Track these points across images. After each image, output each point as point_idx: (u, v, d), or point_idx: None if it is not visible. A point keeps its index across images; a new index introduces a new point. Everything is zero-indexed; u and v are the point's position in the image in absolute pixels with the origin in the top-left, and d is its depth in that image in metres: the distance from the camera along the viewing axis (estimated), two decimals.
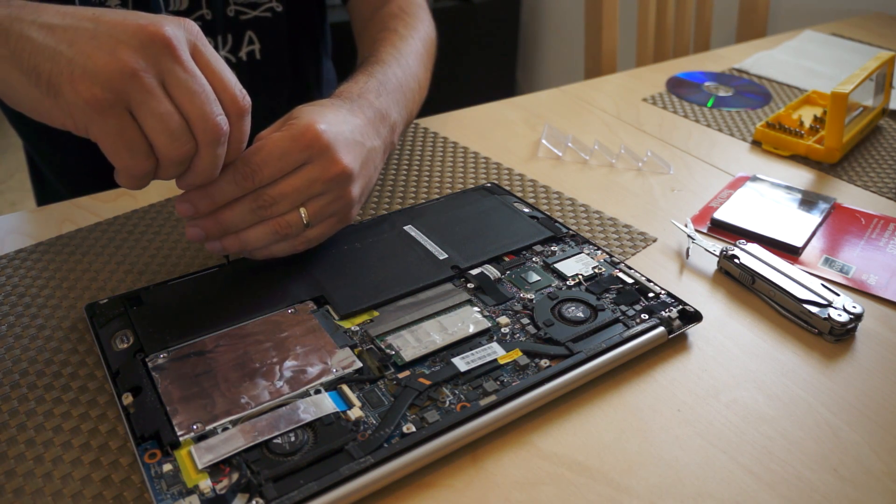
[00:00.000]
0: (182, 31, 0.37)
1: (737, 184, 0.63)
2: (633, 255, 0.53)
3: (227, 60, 0.71)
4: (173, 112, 0.36)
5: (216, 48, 0.68)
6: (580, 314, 0.44)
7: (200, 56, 0.38)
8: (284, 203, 0.43)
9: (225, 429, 0.35)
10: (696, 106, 0.80)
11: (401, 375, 0.39)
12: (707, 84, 0.87)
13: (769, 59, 0.96)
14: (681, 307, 0.44)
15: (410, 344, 0.41)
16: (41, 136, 0.75)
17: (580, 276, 0.47)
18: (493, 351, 0.41)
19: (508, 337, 0.42)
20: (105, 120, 0.35)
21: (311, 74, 0.82)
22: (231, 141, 0.40)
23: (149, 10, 0.61)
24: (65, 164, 0.77)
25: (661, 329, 0.43)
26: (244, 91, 0.40)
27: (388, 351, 0.40)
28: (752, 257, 0.49)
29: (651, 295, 0.46)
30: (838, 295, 0.46)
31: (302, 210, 0.43)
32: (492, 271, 0.47)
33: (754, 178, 0.63)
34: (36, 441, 0.36)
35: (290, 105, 0.47)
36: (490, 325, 0.43)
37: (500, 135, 0.71)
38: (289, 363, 0.39)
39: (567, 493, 0.35)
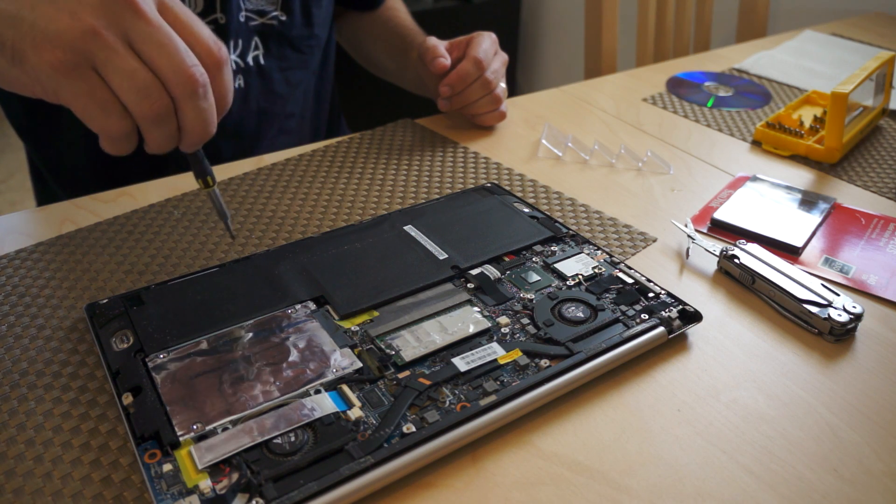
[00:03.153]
0: None
1: (737, 184, 0.63)
2: (633, 255, 0.53)
3: (236, 64, 0.71)
4: (139, 67, 0.35)
5: (228, 52, 0.68)
6: (580, 314, 0.44)
7: (168, 11, 0.37)
8: (496, 80, 0.68)
9: (225, 429, 0.35)
10: (696, 106, 0.80)
11: (401, 375, 0.39)
12: (707, 84, 0.87)
13: (769, 59, 0.96)
14: (681, 307, 0.44)
15: (410, 344, 0.41)
16: (41, 138, 0.75)
17: (580, 276, 0.47)
18: (493, 351, 0.41)
19: (508, 337, 0.42)
20: (72, 82, 0.35)
21: (311, 85, 0.83)
22: (215, 93, 0.38)
23: None
24: (63, 167, 0.77)
25: (661, 329, 0.43)
26: (219, 42, 0.38)
27: (388, 351, 0.40)
28: (752, 257, 0.49)
29: (651, 295, 0.46)
30: (838, 295, 0.46)
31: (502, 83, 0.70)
32: (492, 271, 0.47)
33: (754, 178, 0.63)
34: (36, 441, 0.36)
35: (283, 110, 0.48)
36: (490, 325, 0.43)
37: (500, 135, 0.71)
38: (289, 363, 0.39)
39: (567, 493, 0.35)
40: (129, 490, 0.34)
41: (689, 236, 0.53)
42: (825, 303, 0.45)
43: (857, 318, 0.44)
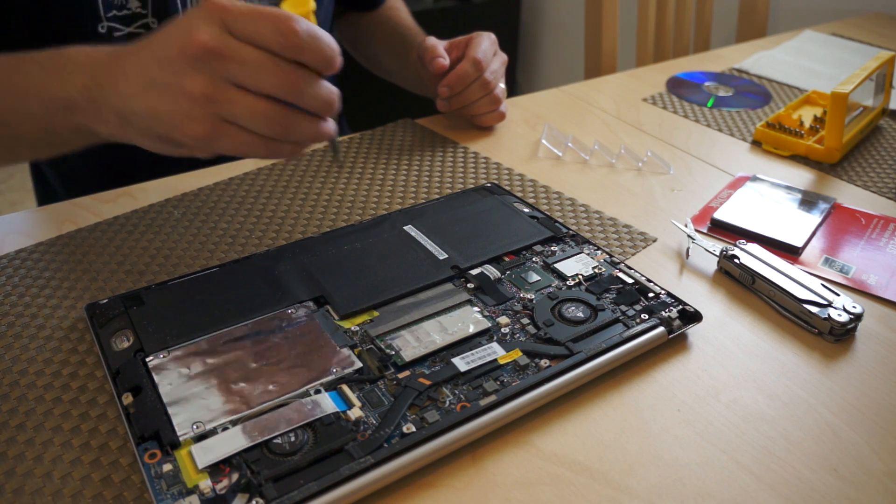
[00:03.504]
0: (212, 25, 0.38)
1: (737, 184, 0.63)
2: (633, 255, 0.53)
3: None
4: (253, 101, 0.39)
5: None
6: (580, 314, 0.44)
7: (235, 22, 0.38)
8: (495, 80, 0.68)
9: (225, 429, 0.35)
10: (696, 106, 0.80)
11: (401, 375, 0.39)
12: (707, 84, 0.87)
13: (769, 59, 0.96)
14: (681, 307, 0.44)
15: (410, 344, 0.41)
16: None
17: (580, 276, 0.47)
18: (493, 351, 0.41)
19: (508, 337, 0.42)
20: (219, 140, 0.40)
21: None
22: (309, 61, 0.40)
23: (167, 12, 0.62)
24: (67, 165, 0.77)
25: (661, 329, 0.43)
26: (278, 16, 0.38)
27: (388, 351, 0.40)
28: (752, 257, 0.49)
29: (651, 295, 0.46)
30: (838, 295, 0.46)
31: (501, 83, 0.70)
32: (492, 271, 0.47)
33: (754, 178, 0.63)
34: (35, 441, 0.36)
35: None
36: (490, 325, 0.43)
37: (500, 135, 0.71)
38: (289, 363, 0.39)
39: (567, 493, 0.35)
40: (129, 490, 0.34)
41: (689, 236, 0.53)
42: (825, 303, 0.45)
43: (857, 318, 0.44)
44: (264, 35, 0.38)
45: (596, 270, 0.48)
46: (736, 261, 0.49)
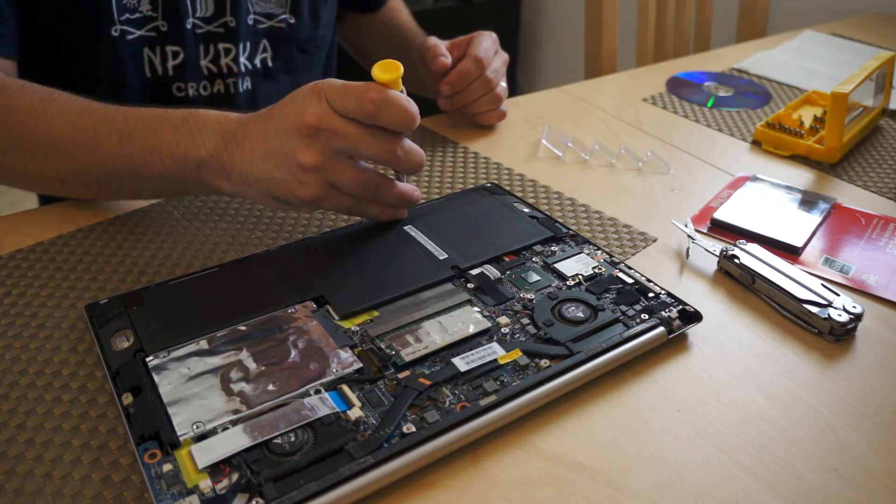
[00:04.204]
0: (320, 104, 0.45)
1: (737, 184, 0.63)
2: (633, 255, 0.53)
3: (245, 67, 0.72)
4: (354, 172, 0.46)
5: (238, 55, 0.70)
6: (580, 314, 0.44)
7: (333, 99, 0.45)
8: (496, 79, 0.69)
9: (225, 429, 0.35)
10: (696, 106, 0.80)
11: (401, 375, 0.39)
12: (707, 84, 0.87)
13: (769, 59, 0.96)
14: (681, 307, 0.44)
15: (410, 344, 0.41)
16: None
17: (580, 276, 0.47)
18: (493, 351, 0.41)
19: (508, 337, 0.42)
20: (327, 202, 0.47)
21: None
22: (389, 121, 0.45)
23: (177, 15, 0.64)
24: None
25: (661, 329, 0.43)
26: (361, 87, 0.44)
27: (388, 351, 0.40)
28: (752, 257, 0.49)
29: (651, 295, 0.46)
30: (838, 295, 0.46)
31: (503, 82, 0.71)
32: (492, 271, 0.47)
33: (754, 178, 0.63)
34: (35, 441, 0.36)
35: None
36: (490, 325, 0.43)
37: (500, 135, 0.71)
38: (289, 363, 0.39)
39: (567, 493, 0.35)
40: (129, 490, 0.34)
41: (689, 236, 0.53)
42: (825, 303, 0.45)
43: (857, 318, 0.44)
44: (351, 108, 0.44)
45: (596, 270, 0.48)
46: (736, 261, 0.49)
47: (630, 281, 0.47)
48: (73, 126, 0.50)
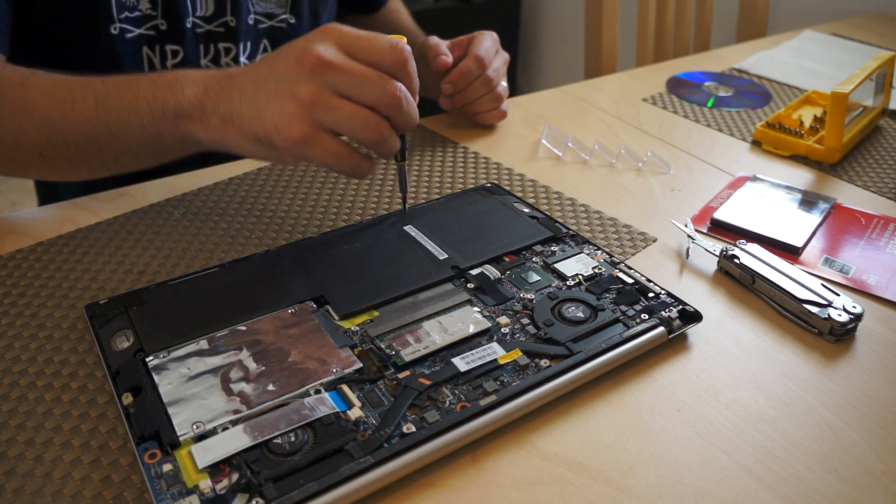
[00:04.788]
0: (328, 41, 0.43)
1: (737, 184, 0.63)
2: (633, 255, 0.53)
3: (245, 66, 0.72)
4: (355, 109, 0.43)
5: (238, 55, 0.70)
6: (580, 314, 0.44)
7: (351, 42, 0.44)
8: (497, 78, 0.68)
9: (225, 429, 0.35)
10: (696, 106, 0.80)
11: (401, 375, 0.39)
12: (707, 84, 0.87)
13: (769, 59, 0.96)
14: (681, 307, 0.44)
15: (410, 344, 0.41)
16: None
17: (580, 276, 0.47)
18: (493, 351, 0.41)
19: (508, 337, 0.42)
20: (314, 147, 0.44)
21: None
22: (406, 84, 0.45)
23: (177, 14, 0.64)
24: None
25: (661, 329, 0.43)
26: (396, 43, 0.44)
27: (388, 351, 0.40)
28: (752, 257, 0.49)
29: (651, 295, 0.46)
30: (838, 295, 0.46)
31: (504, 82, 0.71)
32: (492, 271, 0.47)
33: (754, 178, 0.63)
34: (36, 441, 0.36)
35: None
36: (490, 325, 0.43)
37: (500, 135, 0.71)
38: (289, 363, 0.39)
39: (567, 493, 0.35)
40: (129, 490, 0.34)
41: (689, 236, 0.53)
42: (825, 303, 0.45)
43: (857, 318, 0.44)
44: (381, 50, 0.43)
45: (596, 270, 0.48)
46: (736, 261, 0.49)
47: (630, 281, 0.47)
48: (50, 95, 0.49)
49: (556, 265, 0.48)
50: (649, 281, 0.47)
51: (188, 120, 0.47)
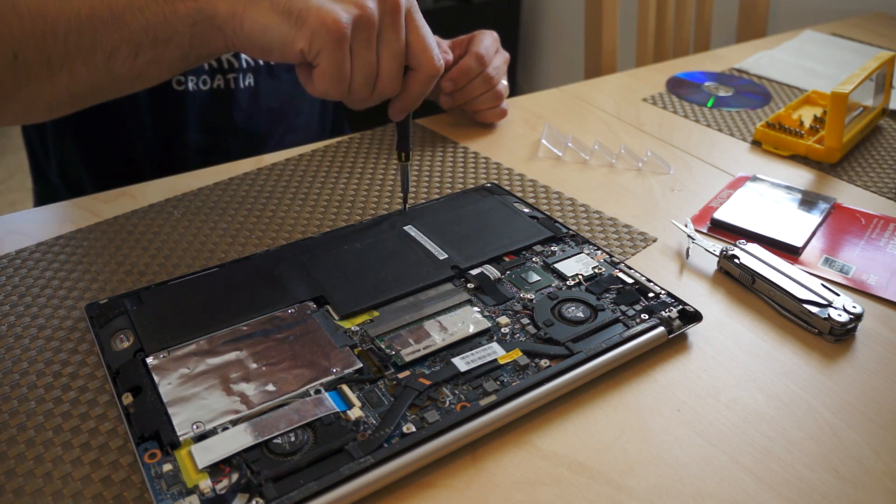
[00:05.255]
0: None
1: (737, 184, 0.63)
2: (633, 255, 0.53)
3: (248, 63, 0.72)
4: (373, 63, 0.45)
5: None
6: (580, 314, 0.44)
7: (411, 19, 0.45)
8: (497, 76, 0.69)
9: (225, 429, 0.35)
10: (696, 106, 0.80)
11: (401, 375, 0.39)
12: (707, 84, 0.87)
13: (769, 59, 0.96)
14: (681, 307, 0.44)
15: (410, 344, 0.41)
16: (79, 127, 0.74)
17: (580, 276, 0.47)
18: (493, 351, 0.41)
19: (508, 337, 0.42)
20: (334, 51, 0.43)
21: None
22: (405, 96, 0.48)
23: None
24: (68, 164, 0.77)
25: (661, 329, 0.43)
26: (440, 56, 0.47)
27: (388, 351, 0.40)
28: (752, 257, 0.49)
29: (651, 295, 0.46)
30: (838, 295, 0.46)
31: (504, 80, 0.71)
32: (492, 271, 0.47)
33: (754, 178, 0.63)
34: (36, 441, 0.36)
35: (292, 109, 0.49)
36: (490, 325, 0.43)
37: (500, 135, 0.71)
38: (289, 363, 0.39)
39: (567, 493, 0.35)
40: (129, 490, 0.34)
41: (689, 236, 0.53)
42: (825, 303, 0.45)
43: (857, 318, 0.44)
44: (422, 44, 0.46)
45: (596, 270, 0.48)
46: (736, 261, 0.49)
47: (630, 281, 0.47)
48: None
49: (556, 265, 0.48)
50: (649, 281, 0.47)
51: None
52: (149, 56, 0.45)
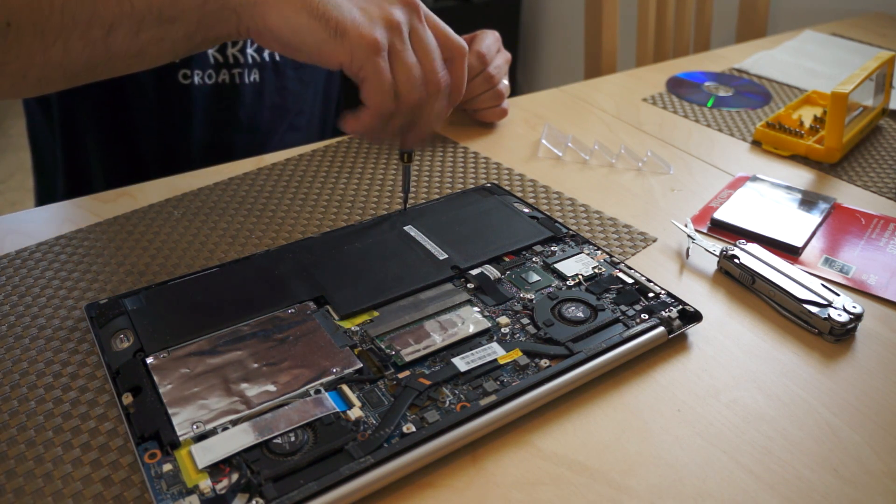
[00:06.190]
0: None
1: (737, 184, 0.63)
2: (633, 255, 0.53)
3: (253, 59, 0.72)
4: (416, 63, 0.45)
5: (245, 45, 0.70)
6: (580, 314, 0.44)
7: (429, 18, 0.48)
8: (498, 75, 0.68)
9: (225, 429, 0.35)
10: (696, 106, 0.80)
11: (401, 375, 0.39)
12: (707, 84, 0.87)
13: (769, 59, 0.96)
14: (681, 307, 0.44)
15: (410, 344, 0.41)
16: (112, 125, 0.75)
17: (580, 276, 0.47)
18: (493, 351, 0.41)
19: (508, 337, 0.42)
20: (376, 61, 0.43)
21: (320, 84, 0.84)
22: (452, 86, 0.47)
23: None
24: (68, 164, 0.77)
25: (661, 329, 0.43)
26: (462, 40, 0.48)
27: (388, 351, 0.40)
28: (752, 257, 0.49)
29: (651, 295, 0.46)
30: (838, 295, 0.46)
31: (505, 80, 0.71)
32: (492, 271, 0.47)
33: (754, 178, 0.63)
34: (36, 441, 0.36)
35: (295, 107, 0.49)
36: (490, 325, 0.43)
37: (500, 135, 0.71)
38: (289, 363, 0.39)
39: (567, 493, 0.35)
40: (129, 490, 0.34)
41: (689, 236, 0.53)
42: (825, 303, 0.45)
43: (857, 318, 0.44)
44: (444, 39, 0.47)
45: (596, 270, 0.48)
46: (736, 261, 0.49)
47: (630, 281, 0.47)
48: None
49: (556, 265, 0.48)
50: (649, 281, 0.47)
51: None
52: (152, 34, 0.43)
